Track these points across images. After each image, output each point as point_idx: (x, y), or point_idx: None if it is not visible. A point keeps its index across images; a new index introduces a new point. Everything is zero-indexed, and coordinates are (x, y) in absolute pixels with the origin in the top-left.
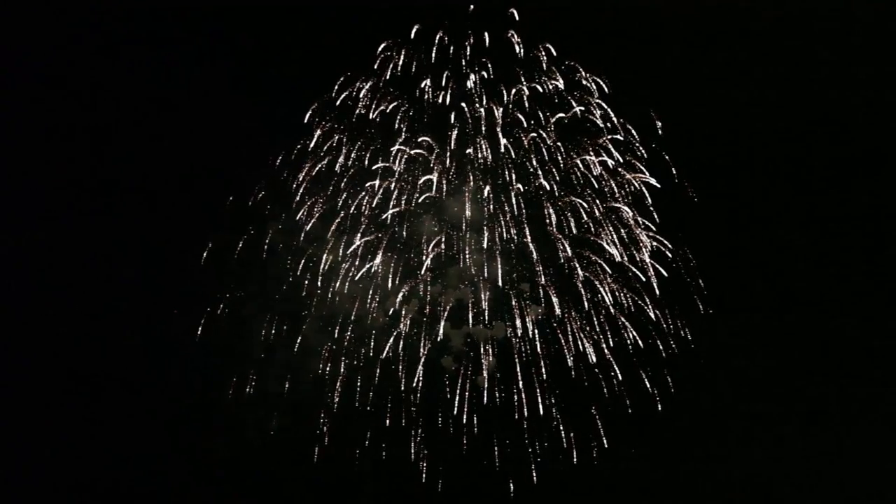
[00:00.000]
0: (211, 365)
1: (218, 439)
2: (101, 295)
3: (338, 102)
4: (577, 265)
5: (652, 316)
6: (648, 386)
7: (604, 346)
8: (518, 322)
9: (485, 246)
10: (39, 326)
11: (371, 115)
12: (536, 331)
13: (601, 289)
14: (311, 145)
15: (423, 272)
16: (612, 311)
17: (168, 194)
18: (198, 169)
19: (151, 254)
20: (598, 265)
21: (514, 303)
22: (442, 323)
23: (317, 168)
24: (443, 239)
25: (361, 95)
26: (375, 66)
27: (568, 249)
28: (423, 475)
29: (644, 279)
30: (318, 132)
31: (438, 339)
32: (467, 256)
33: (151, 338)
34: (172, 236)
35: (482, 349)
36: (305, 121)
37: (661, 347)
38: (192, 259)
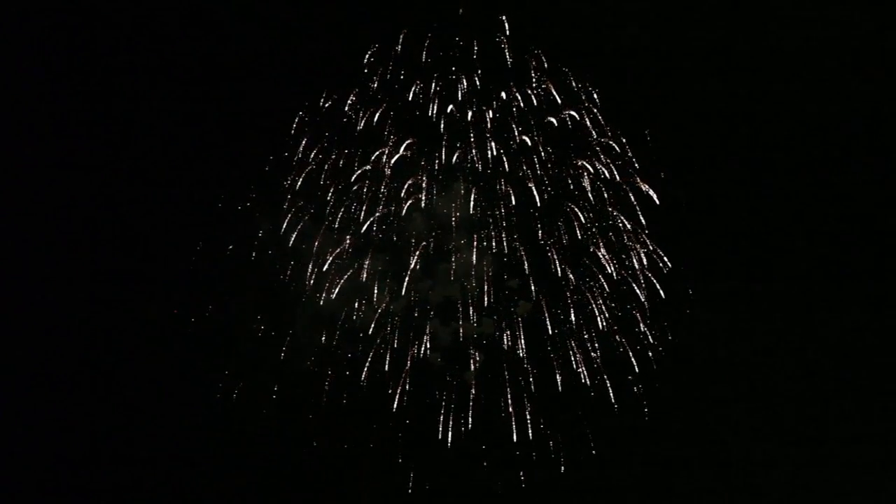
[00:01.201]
0: (200, 365)
1: (207, 438)
2: (91, 295)
3: (325, 108)
4: (569, 271)
5: (641, 322)
6: (636, 390)
7: (592, 353)
8: (504, 324)
9: (474, 247)
10: (27, 326)
11: (359, 120)
12: (522, 331)
13: (589, 296)
14: (300, 149)
15: (411, 271)
16: (601, 321)
17: (159, 196)
18: (189, 171)
19: (141, 255)
20: (588, 272)
21: (501, 304)
22: (429, 320)
23: (306, 170)
24: (432, 239)
25: (349, 101)
26: (364, 72)
27: (556, 256)
28: (411, 475)
29: (635, 286)
30: (307, 137)
31: (426, 336)
32: (454, 259)
33: (143, 338)
34: (163, 238)
35: (470, 346)
36: (294, 125)
37: (650, 354)
38: (182, 261)
